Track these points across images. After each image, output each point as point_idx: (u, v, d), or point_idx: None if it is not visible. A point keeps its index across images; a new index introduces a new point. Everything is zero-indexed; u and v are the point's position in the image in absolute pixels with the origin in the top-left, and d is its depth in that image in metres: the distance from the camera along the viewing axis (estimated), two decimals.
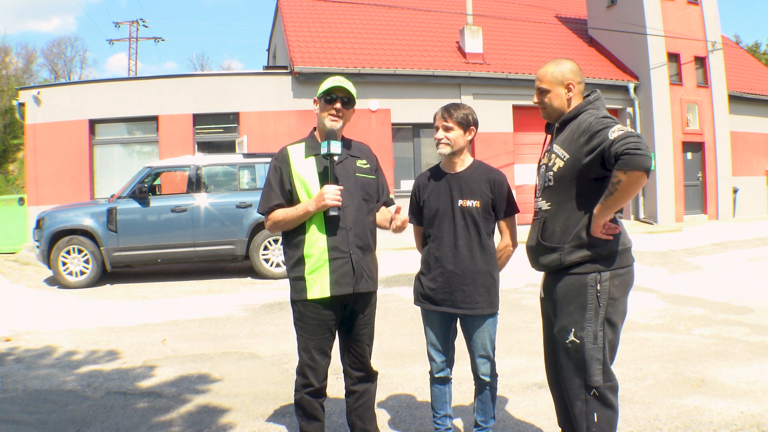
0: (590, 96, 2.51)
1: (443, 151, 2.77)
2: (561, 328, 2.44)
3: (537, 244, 2.51)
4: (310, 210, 2.60)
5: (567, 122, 2.49)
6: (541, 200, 2.54)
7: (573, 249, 2.38)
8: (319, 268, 2.62)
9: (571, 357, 2.41)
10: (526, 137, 14.67)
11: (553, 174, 2.45)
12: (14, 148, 30.78)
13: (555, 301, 2.47)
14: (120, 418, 3.53)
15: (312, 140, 2.76)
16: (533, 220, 2.62)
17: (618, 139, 2.21)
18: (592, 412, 2.37)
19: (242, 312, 6.62)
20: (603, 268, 2.36)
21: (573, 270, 2.39)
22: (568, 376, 2.44)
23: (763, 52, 34.91)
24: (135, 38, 31.47)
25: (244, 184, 8.93)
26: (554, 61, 2.56)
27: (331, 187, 2.57)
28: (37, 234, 8.52)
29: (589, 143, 2.32)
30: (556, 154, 2.46)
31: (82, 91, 12.97)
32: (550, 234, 2.45)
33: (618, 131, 2.24)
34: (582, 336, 2.37)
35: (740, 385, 3.79)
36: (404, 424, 3.35)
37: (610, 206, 2.28)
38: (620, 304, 2.41)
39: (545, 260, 2.48)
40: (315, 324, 2.66)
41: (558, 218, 2.43)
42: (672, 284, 7.52)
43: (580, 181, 2.38)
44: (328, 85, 2.69)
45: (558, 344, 2.48)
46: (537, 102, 2.58)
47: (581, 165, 2.35)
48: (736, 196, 16.65)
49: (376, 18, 16.03)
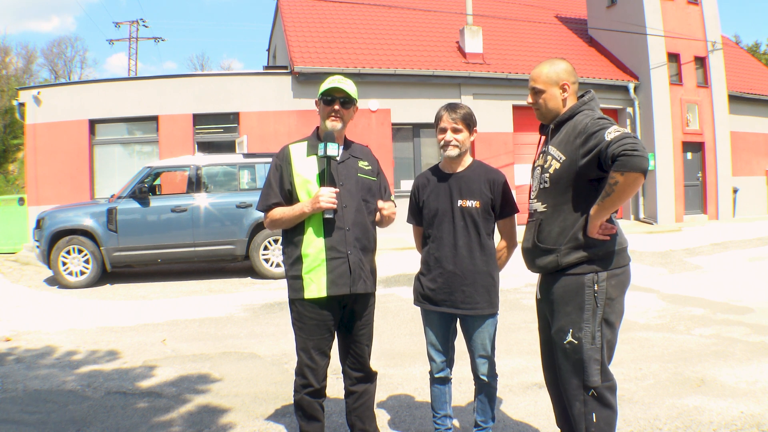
0: (585, 96, 2.49)
1: (452, 153, 2.74)
2: (558, 329, 2.43)
3: (533, 245, 2.50)
4: (305, 211, 2.60)
5: (562, 123, 2.48)
6: (536, 202, 2.52)
7: (570, 250, 2.38)
8: (316, 268, 2.62)
9: (569, 358, 2.41)
10: (526, 137, 14.67)
11: (549, 176, 2.44)
12: (14, 148, 30.78)
13: (552, 302, 2.46)
14: (120, 418, 3.53)
15: (314, 139, 2.75)
16: (528, 221, 2.61)
17: (615, 141, 2.20)
18: (590, 413, 2.37)
19: (242, 312, 6.62)
20: (600, 268, 2.36)
21: (570, 271, 2.39)
22: (566, 377, 2.43)
23: (763, 52, 34.91)
24: (135, 38, 31.49)
25: (244, 184, 8.93)
26: (548, 61, 2.55)
27: (326, 190, 2.56)
28: (37, 234, 8.52)
29: (585, 144, 2.31)
30: (551, 155, 2.45)
31: (82, 91, 12.97)
32: (546, 236, 2.45)
33: (614, 132, 2.23)
34: (580, 336, 2.37)
35: (740, 385, 3.78)
36: (404, 424, 3.35)
37: (607, 207, 2.28)
38: (617, 304, 2.41)
39: (542, 262, 2.47)
40: (313, 324, 2.65)
41: (554, 220, 2.42)
42: (672, 284, 7.52)
43: (576, 183, 2.37)
44: (326, 87, 2.69)
45: (556, 345, 2.47)
46: (531, 103, 2.57)
47: (578, 167, 2.34)
48: (736, 196, 16.65)
49: (376, 18, 16.03)
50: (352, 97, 2.71)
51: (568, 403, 2.45)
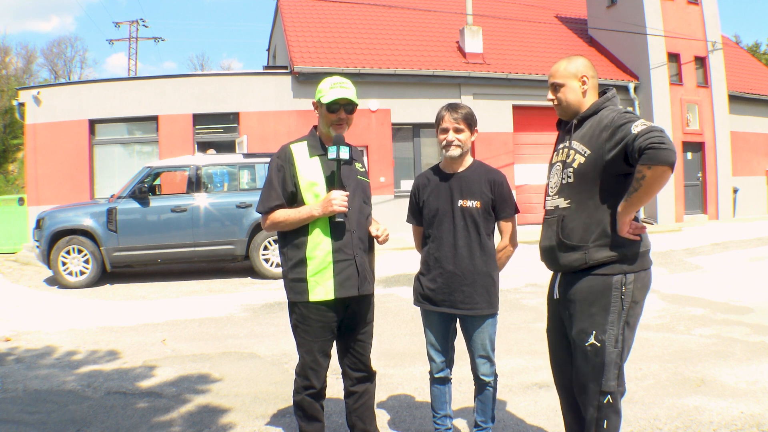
0: (608, 93, 2.45)
1: (454, 153, 2.73)
2: (581, 330, 2.34)
3: (558, 242, 2.40)
4: (314, 215, 2.55)
5: (586, 119, 2.42)
6: (557, 198, 2.44)
7: (598, 248, 2.30)
8: (323, 270, 2.58)
9: (589, 360, 2.33)
10: (526, 137, 14.67)
11: (573, 170, 2.37)
12: (14, 148, 30.78)
13: (574, 302, 2.37)
14: (120, 418, 3.53)
15: (313, 139, 2.71)
16: (545, 219, 2.53)
17: (642, 134, 2.15)
18: (603, 419, 2.31)
19: (242, 312, 6.62)
20: (628, 269, 2.30)
21: (597, 270, 2.31)
22: (583, 381, 2.36)
23: (763, 52, 34.91)
24: (135, 38, 31.49)
25: (244, 184, 8.93)
26: (566, 58, 2.51)
27: (338, 193, 2.53)
28: (37, 234, 8.52)
29: (612, 138, 2.25)
30: (575, 150, 2.38)
31: (82, 91, 12.97)
32: (569, 232, 2.37)
33: (641, 125, 2.18)
34: (603, 339, 2.29)
35: (740, 385, 3.78)
36: (404, 424, 3.35)
37: (635, 203, 2.22)
38: (639, 308, 2.35)
39: (566, 259, 2.37)
40: (319, 326, 2.62)
41: (578, 216, 2.35)
42: (672, 284, 7.51)
43: (603, 177, 2.31)
44: (331, 97, 2.61)
45: (576, 347, 2.39)
46: (551, 99, 2.51)
47: (604, 161, 2.29)
48: (736, 196, 16.65)
49: (376, 18, 16.03)
50: (355, 103, 2.68)
51: (583, 407, 2.38)
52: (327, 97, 2.63)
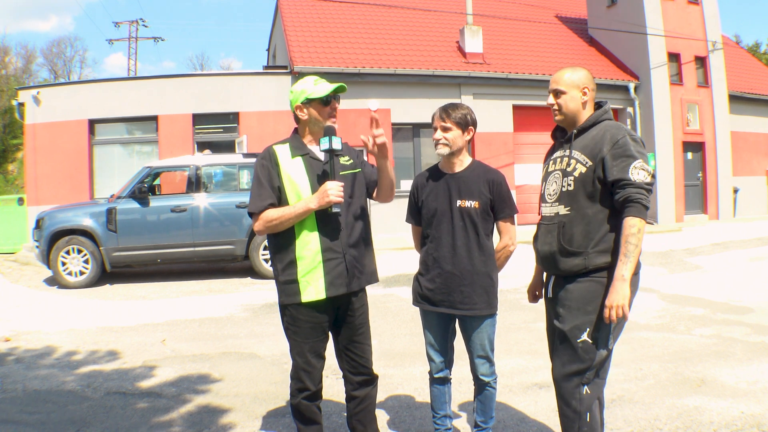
0: (605, 106, 2.57)
1: (442, 151, 2.76)
2: (575, 326, 2.43)
3: (559, 248, 2.49)
4: (311, 207, 2.52)
5: (585, 130, 2.53)
6: (557, 205, 2.54)
7: (598, 254, 2.41)
8: (313, 270, 2.57)
9: (579, 356, 2.42)
10: (526, 137, 14.67)
11: (574, 179, 2.47)
12: (14, 148, 30.79)
13: (569, 300, 2.46)
14: (120, 418, 3.52)
15: (296, 140, 2.69)
16: (542, 225, 2.61)
17: (637, 184, 2.32)
18: (585, 412, 2.41)
19: (242, 312, 6.62)
20: None
21: (594, 275, 2.43)
22: (568, 375, 2.44)
23: (763, 52, 34.92)
24: (134, 38, 31.44)
25: (244, 184, 8.93)
26: (570, 68, 2.62)
27: (333, 183, 2.51)
28: (37, 234, 8.51)
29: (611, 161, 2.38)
30: (576, 159, 2.49)
31: (82, 91, 12.96)
32: (570, 238, 2.46)
33: (639, 172, 2.34)
34: (597, 337, 2.41)
35: (740, 385, 3.78)
36: (404, 424, 3.35)
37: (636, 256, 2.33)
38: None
39: (567, 264, 2.47)
40: (309, 327, 2.61)
41: (578, 223, 2.45)
42: (672, 284, 7.51)
43: (602, 187, 2.42)
44: (325, 90, 2.61)
45: (565, 342, 2.47)
46: (552, 104, 2.60)
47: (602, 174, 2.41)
48: (737, 196, 16.65)
49: (376, 18, 16.02)
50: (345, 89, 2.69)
51: (564, 400, 2.46)
52: (318, 92, 2.62)
